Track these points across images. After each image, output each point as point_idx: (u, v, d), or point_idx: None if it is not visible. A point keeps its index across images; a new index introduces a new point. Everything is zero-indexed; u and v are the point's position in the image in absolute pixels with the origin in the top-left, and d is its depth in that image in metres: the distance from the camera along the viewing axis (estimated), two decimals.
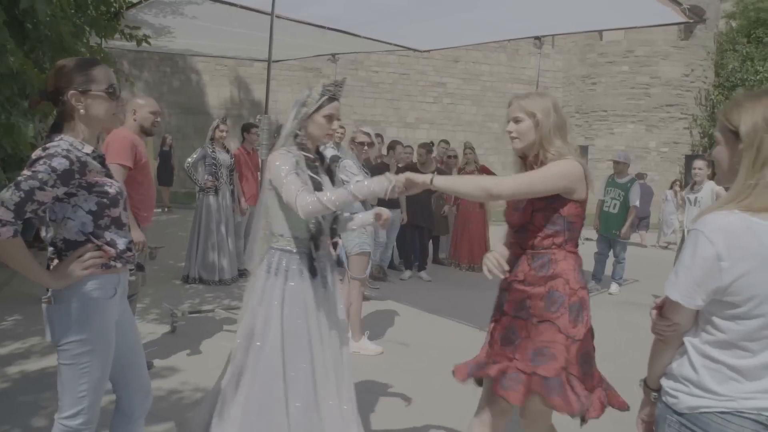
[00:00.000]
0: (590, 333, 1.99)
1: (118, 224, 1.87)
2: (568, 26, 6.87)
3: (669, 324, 1.36)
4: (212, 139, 5.85)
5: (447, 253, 7.79)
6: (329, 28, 6.52)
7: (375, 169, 5.69)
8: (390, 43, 7.27)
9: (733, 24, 19.11)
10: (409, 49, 7.81)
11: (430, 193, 6.42)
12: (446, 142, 8.55)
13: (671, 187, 12.52)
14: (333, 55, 8.88)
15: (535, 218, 1.99)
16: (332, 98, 2.27)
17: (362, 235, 4.12)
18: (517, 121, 2.04)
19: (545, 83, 18.67)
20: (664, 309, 1.38)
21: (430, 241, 7.52)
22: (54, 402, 1.94)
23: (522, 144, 2.05)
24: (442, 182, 2.07)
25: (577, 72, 18.55)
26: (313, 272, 2.27)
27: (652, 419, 1.47)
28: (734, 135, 1.29)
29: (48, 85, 1.80)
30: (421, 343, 4.45)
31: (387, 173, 2.10)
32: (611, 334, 5.16)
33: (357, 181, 2.45)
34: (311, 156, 2.30)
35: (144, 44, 6.53)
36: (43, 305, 1.80)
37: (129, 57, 14.61)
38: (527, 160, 2.07)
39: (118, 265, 1.84)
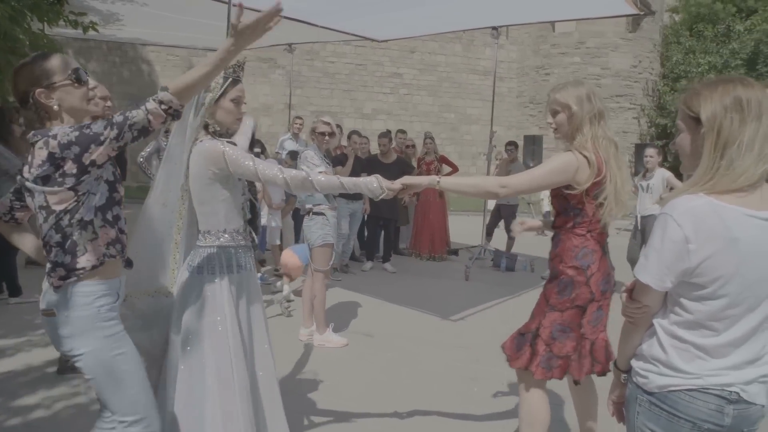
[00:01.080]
0: (578, 312, 2.21)
1: (120, 203, 1.84)
2: (524, 17, 6.97)
3: (639, 306, 1.39)
4: (167, 131, 5.64)
5: (407, 243, 7.81)
6: (286, 17, 6.40)
7: (336, 159, 5.63)
8: (347, 33, 7.19)
9: (676, 18, 19.83)
10: (367, 38, 7.75)
11: None
12: (403, 131, 8.54)
13: None
14: (289, 44, 8.73)
15: (554, 203, 2.28)
16: (236, 81, 2.14)
17: (325, 227, 4.07)
18: (554, 113, 2.25)
19: (500, 74, 18.91)
20: (633, 292, 1.41)
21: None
22: None
23: (561, 134, 2.26)
24: (449, 183, 2.24)
25: (530, 63, 18.88)
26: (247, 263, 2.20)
27: (623, 400, 1.50)
28: (695, 121, 1.33)
29: (14, 93, 1.73)
30: (386, 334, 4.45)
31: (378, 176, 2.09)
32: None
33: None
34: (234, 143, 2.17)
35: (91, 32, 6.25)
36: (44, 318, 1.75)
37: (74, 46, 13.96)
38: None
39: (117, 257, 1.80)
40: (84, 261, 1.69)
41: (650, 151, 5.57)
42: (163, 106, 1.63)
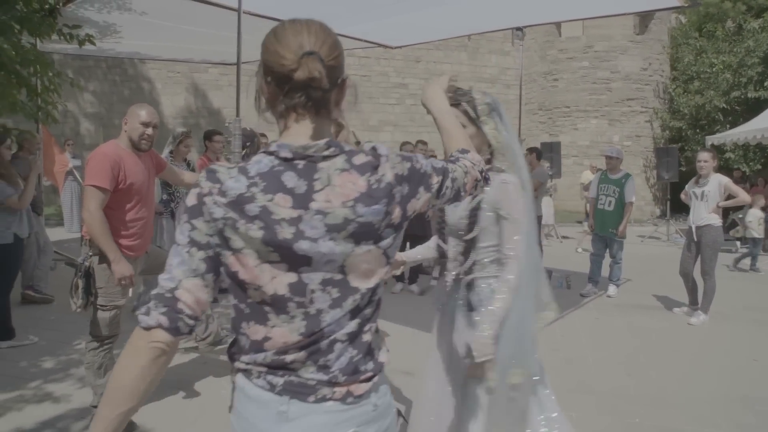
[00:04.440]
0: None
1: None
2: (552, 15, 6.51)
3: None
4: (171, 152, 5.15)
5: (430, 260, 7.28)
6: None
7: None
8: (360, 39, 6.74)
9: (683, 19, 19.45)
10: (380, 45, 7.33)
11: None
12: (424, 142, 8.07)
13: None
14: None
15: None
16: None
17: None
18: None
19: (507, 81, 18.54)
20: None
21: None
22: None
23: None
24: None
25: (538, 69, 18.49)
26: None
27: None
28: None
29: None
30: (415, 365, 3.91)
31: None
32: (624, 342, 4.77)
33: None
34: None
35: (88, 47, 5.81)
36: None
37: (74, 66, 13.58)
38: None
39: None
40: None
41: (704, 156, 5.07)
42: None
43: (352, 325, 1.09)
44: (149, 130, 2.94)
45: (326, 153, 1.06)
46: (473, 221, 1.93)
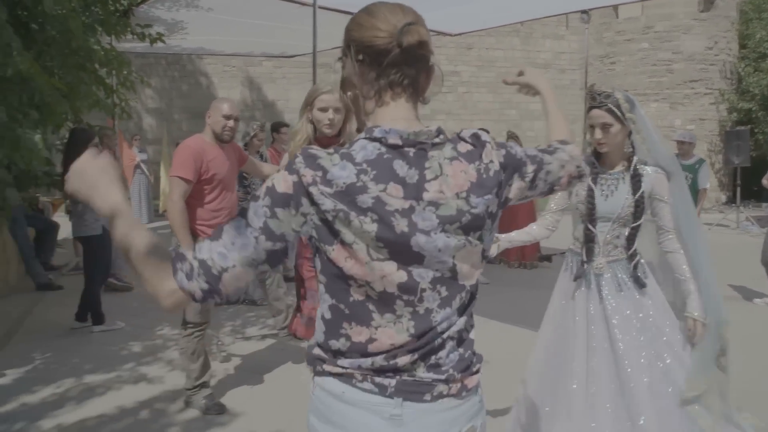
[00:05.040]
0: None
1: None
2: None
3: None
4: (246, 145, 5.28)
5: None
6: (349, 12, 6.00)
7: None
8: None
9: None
10: (440, 33, 7.27)
11: None
12: (485, 130, 7.98)
13: None
14: None
15: None
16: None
17: None
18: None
19: (561, 65, 18.08)
20: None
21: None
22: None
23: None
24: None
25: (594, 52, 17.88)
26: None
27: None
28: None
29: None
30: (503, 359, 3.90)
31: None
32: None
33: None
34: None
35: (156, 44, 6.03)
36: None
37: (136, 64, 14.04)
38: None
39: None
40: None
41: None
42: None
43: (460, 323, 1.05)
44: (231, 122, 3.04)
45: (436, 140, 1.02)
46: (640, 210, 2.16)
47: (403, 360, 0.99)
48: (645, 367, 2.09)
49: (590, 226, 2.21)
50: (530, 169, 1.13)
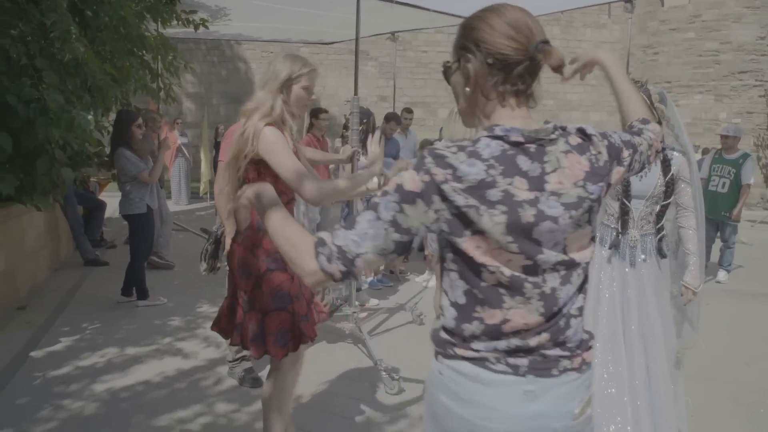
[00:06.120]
0: None
1: None
2: None
3: None
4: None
5: None
6: (394, 2, 6.02)
7: None
8: (460, 16, 6.70)
9: None
10: None
11: None
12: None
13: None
14: (392, 33, 8.37)
15: None
16: None
17: None
18: None
19: None
20: None
21: None
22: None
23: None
24: None
25: (636, 42, 17.41)
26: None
27: None
28: None
29: None
30: None
31: None
32: (738, 330, 4.55)
33: None
34: None
35: (200, 30, 6.20)
36: None
37: (177, 49, 14.45)
38: None
39: None
40: None
41: None
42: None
43: (579, 300, 1.14)
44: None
45: (552, 137, 1.10)
46: (670, 189, 2.48)
47: (534, 340, 1.08)
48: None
49: (626, 201, 2.49)
50: (626, 154, 1.22)
